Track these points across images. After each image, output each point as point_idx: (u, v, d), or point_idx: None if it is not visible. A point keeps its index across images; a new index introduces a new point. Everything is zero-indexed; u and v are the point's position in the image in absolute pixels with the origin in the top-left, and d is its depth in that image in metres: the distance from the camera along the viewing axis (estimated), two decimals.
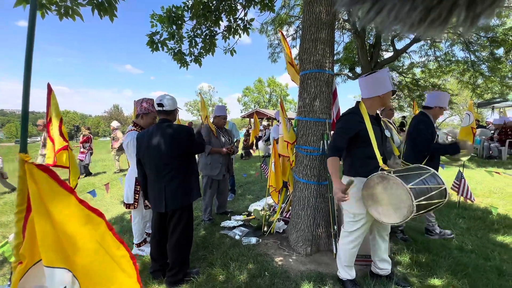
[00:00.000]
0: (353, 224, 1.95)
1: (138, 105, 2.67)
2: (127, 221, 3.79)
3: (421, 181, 1.67)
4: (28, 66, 0.76)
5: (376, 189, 1.72)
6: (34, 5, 0.77)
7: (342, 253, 2.06)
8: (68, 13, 2.85)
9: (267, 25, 11.92)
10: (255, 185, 5.72)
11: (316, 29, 2.63)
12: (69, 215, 0.93)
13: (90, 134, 7.79)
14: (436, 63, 11.71)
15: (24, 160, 0.83)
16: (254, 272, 2.32)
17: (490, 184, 5.27)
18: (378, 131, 1.93)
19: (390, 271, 2.13)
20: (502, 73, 10.02)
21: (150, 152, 2.15)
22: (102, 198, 5.23)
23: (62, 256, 0.92)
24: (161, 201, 2.13)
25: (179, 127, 2.23)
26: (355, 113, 1.92)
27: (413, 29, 0.37)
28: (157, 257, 2.33)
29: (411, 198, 1.54)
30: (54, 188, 0.90)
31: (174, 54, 4.10)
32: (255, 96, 44.39)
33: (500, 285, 2.09)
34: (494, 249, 2.68)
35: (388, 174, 1.67)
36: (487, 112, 22.30)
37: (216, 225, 3.41)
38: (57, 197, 0.91)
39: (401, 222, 1.62)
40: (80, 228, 0.97)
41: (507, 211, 3.74)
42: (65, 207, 0.93)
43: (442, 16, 0.35)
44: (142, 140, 2.20)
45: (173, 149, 2.15)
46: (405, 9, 0.35)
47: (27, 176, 0.84)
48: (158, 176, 2.15)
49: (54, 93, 2.12)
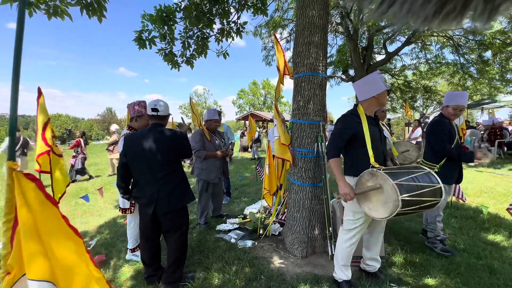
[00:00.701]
0: (353, 222, 2.01)
1: (131, 109, 2.65)
2: (121, 226, 3.73)
3: (411, 178, 1.69)
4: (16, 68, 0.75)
5: (367, 186, 1.79)
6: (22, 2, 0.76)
7: (340, 253, 2.10)
8: (57, 13, 2.80)
9: (261, 28, 12.01)
10: (251, 188, 5.70)
11: (309, 33, 2.66)
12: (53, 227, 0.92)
13: (81, 138, 7.76)
14: (427, 65, 11.97)
15: (12, 168, 0.81)
16: (250, 275, 2.31)
17: (480, 183, 5.39)
18: (377, 131, 1.98)
19: (377, 269, 2.21)
20: (489, 75, 10.28)
21: (144, 155, 2.11)
22: (95, 203, 5.14)
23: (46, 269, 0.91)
24: (152, 203, 2.11)
25: (175, 132, 2.25)
26: (354, 114, 1.99)
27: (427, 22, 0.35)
28: (150, 262, 2.29)
29: (397, 193, 1.57)
30: (40, 198, 0.89)
31: (164, 55, 4.07)
32: (250, 99, 44.46)
33: (491, 284, 2.13)
34: (485, 248, 2.73)
35: (377, 171, 1.72)
36: (476, 113, 22.84)
37: (212, 229, 3.38)
38: (42, 208, 0.90)
39: (388, 217, 1.65)
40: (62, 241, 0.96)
41: (497, 210, 3.82)
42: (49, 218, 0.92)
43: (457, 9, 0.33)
44: (133, 142, 2.14)
45: (170, 153, 2.16)
46: (419, 1, 0.34)
47: (15, 184, 0.82)
48: (152, 179, 2.13)
49: (43, 97, 2.08)
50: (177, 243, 2.21)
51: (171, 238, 2.21)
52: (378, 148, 1.95)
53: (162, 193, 2.12)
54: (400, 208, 1.58)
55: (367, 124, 1.91)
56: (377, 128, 2.00)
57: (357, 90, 2.04)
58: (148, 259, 2.28)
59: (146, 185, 2.14)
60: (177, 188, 2.20)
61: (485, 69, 10.04)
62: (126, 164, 2.16)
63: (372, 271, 2.23)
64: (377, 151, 1.91)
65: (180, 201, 2.21)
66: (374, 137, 1.92)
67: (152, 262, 2.29)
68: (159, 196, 2.11)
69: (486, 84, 10.81)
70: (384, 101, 1.98)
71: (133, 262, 2.66)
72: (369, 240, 2.20)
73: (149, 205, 2.12)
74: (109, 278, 2.40)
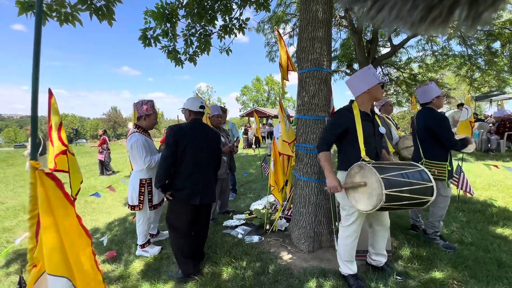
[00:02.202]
0: (348, 218, 2.04)
1: (139, 107, 2.69)
2: (130, 223, 3.82)
3: (400, 174, 1.70)
4: (36, 73, 0.78)
5: (355, 178, 1.82)
6: (39, 12, 0.79)
7: (342, 248, 2.12)
8: (68, 19, 2.87)
9: (263, 24, 11.93)
10: (256, 184, 5.74)
11: (313, 28, 2.64)
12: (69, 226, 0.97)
13: (105, 135, 8.41)
14: (434, 57, 11.74)
15: (35, 167, 0.85)
16: (257, 269, 2.35)
17: (489, 177, 5.32)
18: (371, 127, 1.99)
19: (383, 263, 2.22)
20: (498, 67, 10.05)
21: (197, 147, 2.25)
22: (104, 201, 5.26)
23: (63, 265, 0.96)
24: (198, 194, 2.25)
25: (217, 131, 2.64)
26: (347, 109, 2.01)
27: (414, 28, 0.37)
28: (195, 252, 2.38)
29: (381, 187, 1.59)
30: (59, 196, 0.94)
31: (168, 52, 4.10)
32: (253, 95, 44.39)
33: (499, 276, 2.12)
34: (493, 241, 2.71)
35: (366, 164, 1.75)
36: (485, 105, 22.38)
37: (219, 225, 3.44)
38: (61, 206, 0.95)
39: (371, 210, 1.67)
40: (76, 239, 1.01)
41: (506, 203, 3.78)
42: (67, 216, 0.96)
43: (443, 15, 0.35)
44: (185, 133, 2.23)
45: (217, 149, 2.46)
46: (406, 7, 0.35)
47: (37, 182, 0.87)
48: (200, 171, 2.28)
49: (54, 98, 2.14)
50: (206, 233, 2.51)
51: (202, 229, 2.47)
52: (371, 143, 1.97)
53: (208, 185, 2.33)
54: (384, 202, 1.59)
55: (360, 120, 1.93)
56: (371, 124, 2.00)
57: (350, 87, 2.07)
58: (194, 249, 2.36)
59: (193, 176, 2.25)
60: (215, 182, 2.49)
61: (493, 60, 9.82)
62: (175, 154, 2.17)
63: (379, 266, 2.24)
64: (369, 146, 1.94)
65: (214, 196, 2.47)
66: (367, 132, 1.93)
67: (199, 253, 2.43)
68: (205, 187, 2.30)
69: (494, 76, 10.57)
70: (378, 95, 1.96)
71: (143, 257, 2.72)
72: (373, 236, 2.21)
73: (196, 196, 2.24)
74: (120, 273, 2.47)
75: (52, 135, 2.25)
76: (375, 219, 2.15)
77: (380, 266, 2.24)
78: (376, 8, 0.37)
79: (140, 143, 2.56)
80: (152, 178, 2.72)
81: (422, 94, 2.65)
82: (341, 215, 2.12)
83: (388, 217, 2.17)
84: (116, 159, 11.71)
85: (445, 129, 2.45)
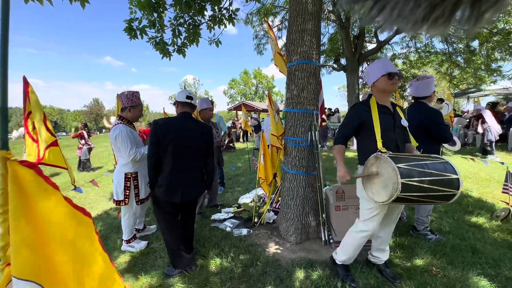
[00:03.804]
0: (369, 212, 1.91)
1: (123, 99, 2.58)
2: (113, 218, 3.71)
3: (420, 164, 1.60)
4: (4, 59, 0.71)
5: (372, 169, 1.76)
6: None
7: (350, 240, 2.02)
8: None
9: (252, 16, 11.72)
10: (244, 177, 5.75)
11: (302, 20, 2.62)
12: (56, 212, 0.90)
13: (84, 130, 7.89)
14: (417, 54, 12.08)
15: (6, 157, 0.78)
16: (246, 262, 2.36)
17: (465, 169, 5.61)
18: (390, 119, 1.92)
19: (383, 261, 2.13)
20: (475, 65, 10.50)
21: (181, 142, 2.16)
22: (86, 196, 5.07)
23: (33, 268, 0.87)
24: (179, 192, 2.17)
25: (206, 124, 2.42)
26: (363, 103, 1.97)
27: (416, 27, 0.36)
28: (187, 246, 2.33)
29: (397, 175, 1.51)
30: (41, 184, 0.87)
31: (155, 43, 3.95)
32: (241, 88, 43.97)
33: (474, 262, 2.26)
34: (468, 229, 2.88)
35: (382, 154, 1.69)
36: (462, 102, 23.45)
37: (207, 218, 3.41)
38: (44, 194, 0.88)
39: (388, 201, 1.58)
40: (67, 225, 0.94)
41: (480, 194, 4.01)
42: (53, 204, 0.90)
43: (445, 14, 0.34)
44: (168, 128, 2.13)
45: (203, 143, 2.31)
46: (408, 6, 0.34)
47: (9, 174, 0.80)
48: (184, 167, 2.19)
49: (32, 87, 2.00)
50: (191, 228, 2.42)
51: (186, 224, 2.37)
52: (390, 136, 1.89)
53: (191, 182, 2.24)
54: (400, 192, 1.51)
55: (377, 113, 1.88)
56: (391, 117, 1.93)
57: (366, 77, 2.06)
58: (184, 243, 2.31)
59: (177, 173, 2.16)
60: (201, 178, 2.37)
61: (471, 58, 10.24)
62: (159, 151, 2.14)
63: (378, 263, 2.16)
64: (388, 139, 1.87)
65: (201, 190, 2.39)
66: (385, 125, 1.87)
67: (189, 246, 2.36)
68: (188, 184, 2.21)
69: (472, 74, 11.05)
70: (386, 87, 1.88)
71: (129, 252, 2.66)
72: (379, 232, 2.08)
73: (175, 194, 2.15)
74: None
75: (30, 126, 2.11)
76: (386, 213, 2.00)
77: (379, 266, 2.16)
78: (377, 8, 0.36)
79: (125, 135, 2.47)
80: (138, 172, 2.64)
81: (424, 86, 2.55)
82: (361, 208, 2.00)
83: (399, 211, 2.06)
84: (100, 152, 11.29)
85: (441, 125, 2.46)
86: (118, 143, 2.47)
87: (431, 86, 2.55)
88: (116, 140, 2.47)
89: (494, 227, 2.94)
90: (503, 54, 9.22)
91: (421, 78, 2.57)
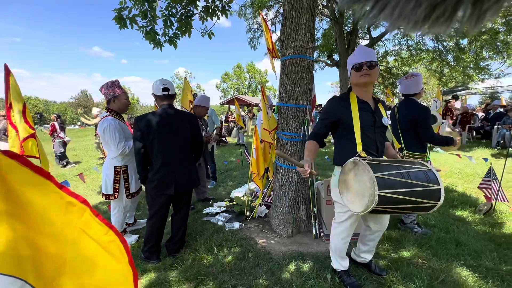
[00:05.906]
0: (341, 215, 1.89)
1: (104, 91, 2.52)
2: (103, 212, 3.65)
3: (400, 173, 1.46)
4: None
5: (349, 176, 1.62)
6: None
7: (333, 244, 2.01)
8: None
9: (245, 8, 11.55)
10: (236, 171, 5.74)
11: (297, 13, 2.60)
12: (48, 204, 0.87)
13: (56, 122, 7.36)
14: (408, 51, 12.24)
15: None
16: (238, 255, 2.38)
17: (451, 165, 5.80)
18: (370, 117, 1.73)
19: (368, 260, 2.13)
20: (464, 63, 10.74)
21: (165, 136, 2.15)
22: (75, 190, 4.95)
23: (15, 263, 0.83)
24: (172, 184, 2.19)
25: (191, 114, 2.41)
26: (342, 98, 1.79)
27: (417, 27, 0.36)
28: (160, 237, 2.39)
29: (374, 187, 1.39)
30: (28, 175, 0.83)
31: (146, 32, 3.82)
32: (234, 82, 43.56)
33: (457, 254, 2.35)
34: (453, 223, 2.99)
35: (360, 160, 1.52)
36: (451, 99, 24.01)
37: (199, 212, 3.41)
38: (32, 185, 0.84)
39: (363, 212, 1.48)
40: (60, 216, 0.91)
41: (464, 189, 4.16)
42: (43, 195, 0.86)
43: (447, 13, 0.34)
44: (150, 123, 2.12)
45: (189, 134, 2.29)
46: (409, 6, 0.34)
47: None
48: (173, 160, 2.20)
49: (13, 75, 1.91)
50: (184, 218, 2.46)
51: (180, 213, 2.41)
52: (370, 136, 1.73)
53: (183, 174, 2.25)
54: (376, 204, 1.40)
55: (357, 109, 1.70)
56: (371, 114, 1.74)
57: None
58: (160, 234, 2.37)
59: (166, 166, 2.17)
60: (193, 169, 2.40)
61: (460, 56, 10.46)
62: (145, 147, 2.15)
63: (363, 263, 2.16)
64: (367, 139, 1.71)
65: (196, 181, 2.42)
66: (364, 123, 1.70)
67: (161, 237, 2.39)
68: (180, 176, 2.22)
69: (461, 72, 11.31)
70: (356, 80, 1.71)
71: None
72: (367, 235, 2.04)
73: (170, 186, 2.18)
74: None
75: (14, 117, 2.03)
76: (374, 219, 1.95)
77: (365, 263, 2.16)
78: (378, 7, 0.36)
79: (113, 128, 2.41)
80: (128, 165, 2.59)
81: (413, 84, 2.57)
82: (335, 211, 1.97)
83: (388, 218, 2.00)
84: (88, 146, 11.02)
85: (427, 122, 2.44)
86: (106, 136, 2.41)
87: (419, 84, 2.59)
88: (104, 133, 2.41)
89: (477, 221, 3.06)
90: (491, 53, 9.46)
91: (410, 76, 2.61)
